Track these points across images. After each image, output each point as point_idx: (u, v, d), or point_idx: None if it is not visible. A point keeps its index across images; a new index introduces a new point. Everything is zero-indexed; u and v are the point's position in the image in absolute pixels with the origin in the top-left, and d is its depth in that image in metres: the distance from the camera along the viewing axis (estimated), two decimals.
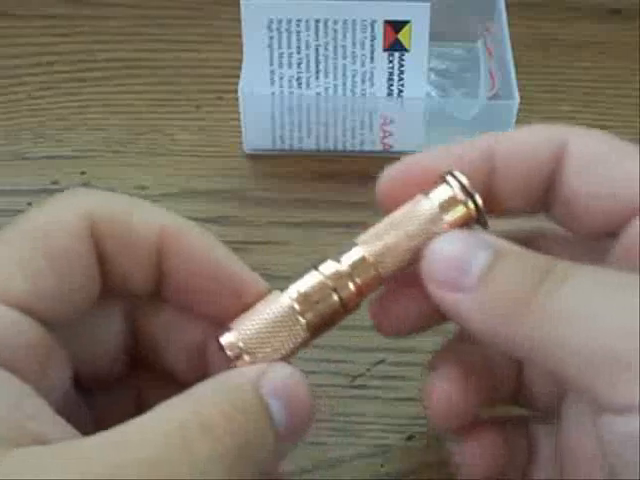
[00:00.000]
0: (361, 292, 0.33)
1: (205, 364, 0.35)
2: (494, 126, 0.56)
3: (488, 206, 0.33)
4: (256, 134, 0.57)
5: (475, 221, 0.33)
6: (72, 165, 0.57)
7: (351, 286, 0.33)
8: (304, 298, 0.32)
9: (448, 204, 0.33)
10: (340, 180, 0.57)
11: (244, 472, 0.28)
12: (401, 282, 0.34)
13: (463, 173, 0.33)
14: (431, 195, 0.33)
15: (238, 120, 0.57)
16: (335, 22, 0.53)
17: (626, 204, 0.32)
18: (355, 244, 0.33)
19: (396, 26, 0.53)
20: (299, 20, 0.53)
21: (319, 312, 0.32)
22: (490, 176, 0.34)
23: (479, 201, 0.33)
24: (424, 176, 0.34)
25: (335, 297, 0.33)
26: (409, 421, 0.44)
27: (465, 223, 0.33)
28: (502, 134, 0.35)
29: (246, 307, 0.33)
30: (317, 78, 0.55)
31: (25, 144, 0.59)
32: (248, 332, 0.32)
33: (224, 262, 0.33)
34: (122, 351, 0.35)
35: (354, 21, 0.53)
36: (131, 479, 0.25)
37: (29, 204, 0.55)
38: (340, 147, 0.58)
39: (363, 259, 0.33)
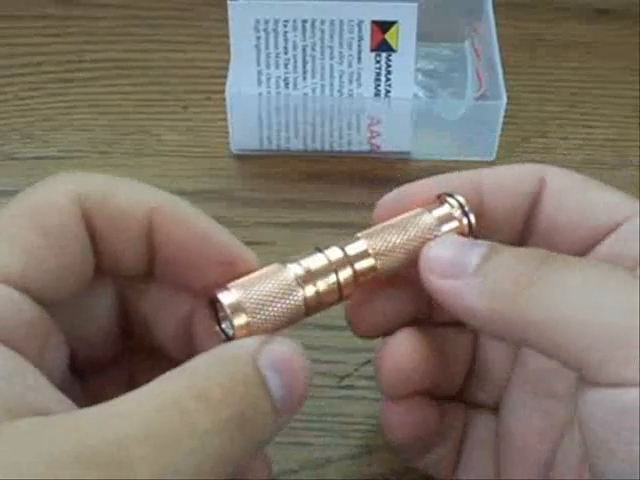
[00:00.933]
0: (357, 280, 0.34)
1: (192, 339, 0.35)
2: (481, 126, 0.56)
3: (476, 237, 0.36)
4: (243, 134, 0.57)
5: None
6: (59, 166, 0.57)
7: (350, 272, 0.34)
8: (307, 272, 0.33)
9: (445, 219, 0.35)
10: (328, 180, 0.57)
11: (244, 444, 0.28)
12: (376, 284, 0.36)
13: (461, 195, 0.36)
14: (433, 211, 0.36)
15: (225, 120, 0.57)
16: (322, 22, 0.53)
17: (597, 227, 0.35)
18: (357, 238, 0.35)
19: (383, 26, 0.53)
20: (286, 21, 0.53)
21: (318, 288, 0.33)
22: (479, 208, 0.36)
23: (473, 220, 0.35)
24: (418, 203, 0.36)
25: (334, 278, 0.34)
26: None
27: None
28: (487, 170, 0.37)
29: (236, 277, 0.33)
30: (304, 78, 0.55)
31: (13, 144, 0.59)
32: (249, 293, 0.32)
33: (214, 233, 0.34)
34: (114, 331, 0.36)
35: (341, 21, 0.53)
36: (130, 453, 0.25)
37: None
38: (327, 147, 0.58)
39: (366, 252, 0.34)
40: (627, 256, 0.34)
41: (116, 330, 0.36)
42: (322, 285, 0.33)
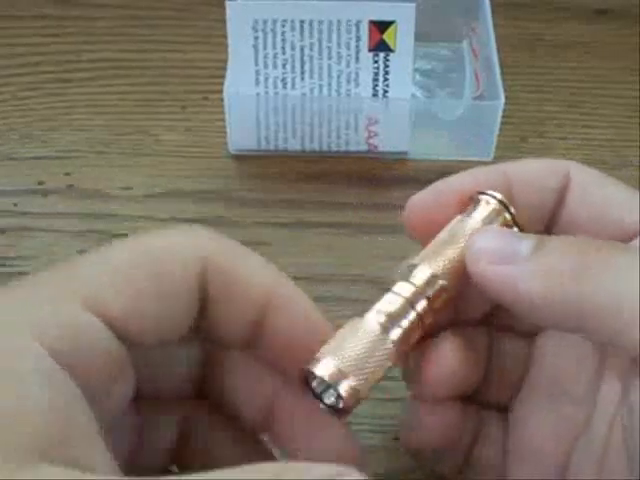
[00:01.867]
0: (433, 307, 0.34)
1: (267, 416, 0.35)
2: (479, 126, 0.56)
3: None
4: (241, 134, 0.57)
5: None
6: (57, 166, 0.57)
7: (425, 302, 0.34)
8: (388, 316, 0.33)
9: (490, 218, 0.35)
10: (325, 181, 0.57)
11: None
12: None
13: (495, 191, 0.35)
14: (473, 214, 0.35)
15: (223, 120, 0.57)
16: (320, 23, 0.53)
17: (621, 228, 0.35)
18: (414, 264, 0.34)
19: (381, 26, 0.53)
20: (284, 21, 0.53)
21: (403, 328, 0.33)
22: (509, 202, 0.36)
23: (514, 212, 0.35)
24: (453, 199, 0.36)
25: (413, 313, 0.33)
26: (395, 422, 0.44)
27: None
28: (513, 164, 0.37)
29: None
30: (302, 79, 0.55)
31: (12, 144, 0.59)
32: (343, 356, 0.32)
33: (321, 325, 0.34)
34: (185, 384, 0.35)
35: (339, 21, 0.53)
36: None
37: (15, 205, 0.55)
38: (325, 148, 0.58)
39: (431, 275, 0.34)
40: None
41: (187, 383, 0.35)
42: (405, 324, 0.33)
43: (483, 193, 0.35)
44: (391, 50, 0.54)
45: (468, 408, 0.38)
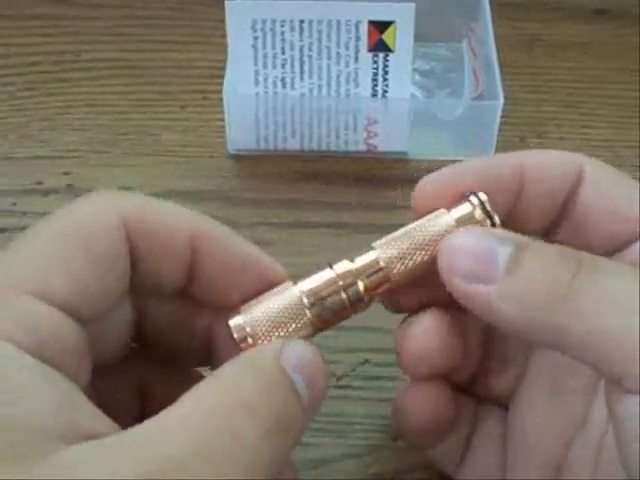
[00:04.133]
0: (370, 292, 0.34)
1: (210, 349, 0.36)
2: (478, 126, 0.56)
3: (509, 226, 0.34)
4: (240, 134, 0.57)
5: None
6: (56, 165, 0.57)
7: (360, 286, 0.34)
8: (313, 293, 0.33)
9: (465, 220, 0.34)
10: (324, 180, 0.57)
11: (285, 447, 0.29)
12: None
13: (486, 194, 0.34)
14: (452, 211, 0.34)
15: (223, 120, 0.57)
16: (319, 23, 0.53)
17: (632, 227, 0.34)
18: (372, 248, 0.34)
19: (380, 26, 0.53)
20: (283, 21, 0.53)
21: (326, 307, 0.33)
22: (518, 194, 0.35)
23: (497, 222, 0.34)
24: (458, 187, 0.35)
25: (343, 295, 0.33)
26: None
27: None
28: (530, 153, 0.36)
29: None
30: (301, 79, 0.55)
31: (10, 144, 0.59)
32: (256, 318, 0.32)
33: (253, 255, 0.34)
34: (131, 340, 0.36)
35: (338, 22, 0.53)
36: (185, 469, 0.26)
37: (13, 204, 0.55)
38: (324, 147, 0.58)
39: (375, 262, 0.34)
40: None
41: (130, 340, 0.36)
42: (330, 304, 0.33)
43: (474, 195, 0.34)
44: (390, 50, 0.54)
45: (465, 400, 0.38)
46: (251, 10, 0.53)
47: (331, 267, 0.34)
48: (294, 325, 0.33)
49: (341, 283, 0.33)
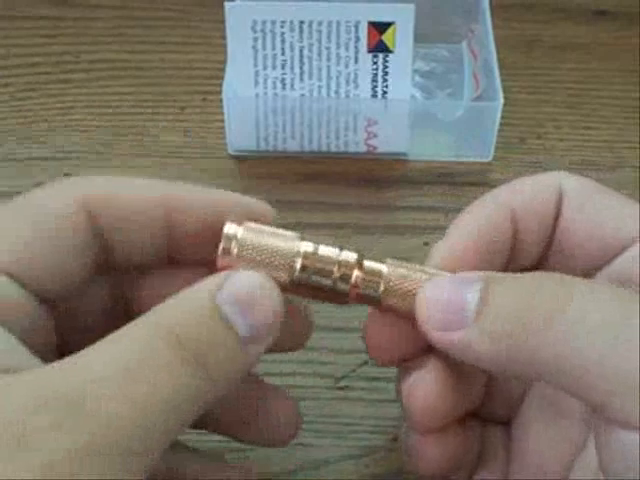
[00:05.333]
0: (357, 294, 0.34)
1: None
2: (478, 127, 0.56)
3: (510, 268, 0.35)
4: (240, 135, 0.57)
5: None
6: (56, 166, 0.57)
7: (352, 280, 0.33)
8: (309, 262, 0.33)
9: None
10: (324, 182, 0.57)
11: (210, 377, 0.29)
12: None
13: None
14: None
15: (222, 122, 0.57)
16: (319, 23, 0.53)
17: (618, 237, 0.34)
18: (385, 261, 0.34)
19: (380, 27, 0.53)
20: (283, 22, 0.53)
21: (311, 280, 0.33)
22: (514, 235, 0.35)
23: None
24: (466, 256, 0.35)
25: (329, 281, 0.33)
26: (394, 422, 0.44)
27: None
28: (512, 192, 0.36)
29: None
30: (301, 80, 0.55)
31: (10, 145, 0.59)
32: (248, 242, 0.32)
33: (231, 197, 0.35)
34: (108, 321, 0.35)
35: (338, 22, 0.53)
36: (96, 391, 0.26)
37: None
38: (324, 149, 0.58)
39: (379, 272, 0.33)
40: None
41: (110, 322, 0.36)
42: (315, 279, 0.33)
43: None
44: (390, 51, 0.54)
45: (471, 425, 0.38)
46: (251, 11, 0.53)
47: (341, 249, 0.33)
48: (273, 273, 0.32)
49: (338, 266, 0.33)
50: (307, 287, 0.33)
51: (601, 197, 0.35)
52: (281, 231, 0.33)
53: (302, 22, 0.53)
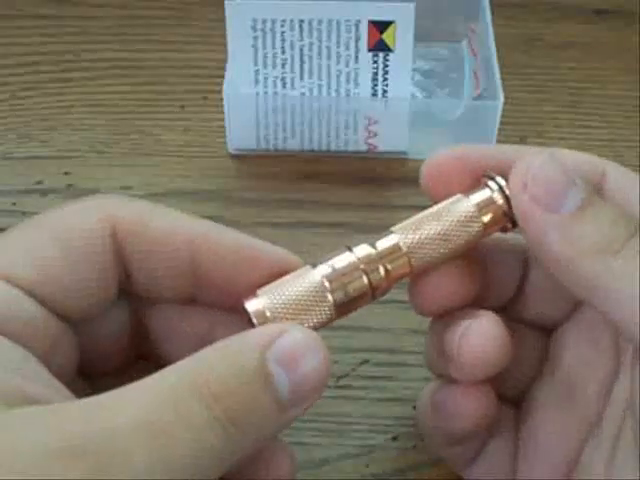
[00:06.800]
0: (390, 278, 0.33)
1: None
2: (478, 126, 0.56)
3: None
4: (240, 134, 0.57)
5: (509, 220, 0.34)
6: (56, 165, 0.57)
7: (382, 271, 0.33)
8: (335, 277, 0.32)
9: (486, 206, 0.34)
10: (325, 180, 0.57)
11: (241, 439, 0.27)
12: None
13: (502, 177, 0.34)
14: (471, 197, 0.34)
15: (223, 120, 0.57)
16: (319, 22, 0.53)
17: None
18: (391, 232, 0.34)
19: (380, 26, 0.53)
20: (283, 20, 0.53)
21: (348, 292, 0.32)
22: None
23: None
24: (473, 170, 0.35)
25: (365, 280, 0.33)
26: (394, 421, 0.44)
27: (499, 223, 0.34)
28: (555, 151, 0.35)
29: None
30: (301, 78, 0.55)
31: (10, 144, 0.58)
32: (276, 301, 0.31)
33: (259, 247, 0.34)
34: (127, 343, 0.36)
35: (338, 21, 0.53)
36: (121, 443, 0.25)
37: (13, 204, 0.55)
38: (324, 147, 0.58)
39: (397, 247, 0.33)
40: None
41: (129, 341, 0.36)
42: (352, 289, 0.32)
43: (491, 177, 0.34)
44: (390, 50, 0.54)
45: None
46: (251, 10, 0.53)
47: (350, 250, 0.33)
48: (316, 309, 0.32)
49: (363, 267, 0.33)
50: (350, 301, 0.33)
51: None
52: (293, 274, 0.32)
53: (302, 21, 0.53)
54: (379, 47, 0.54)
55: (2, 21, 0.68)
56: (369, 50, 0.54)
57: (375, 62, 0.55)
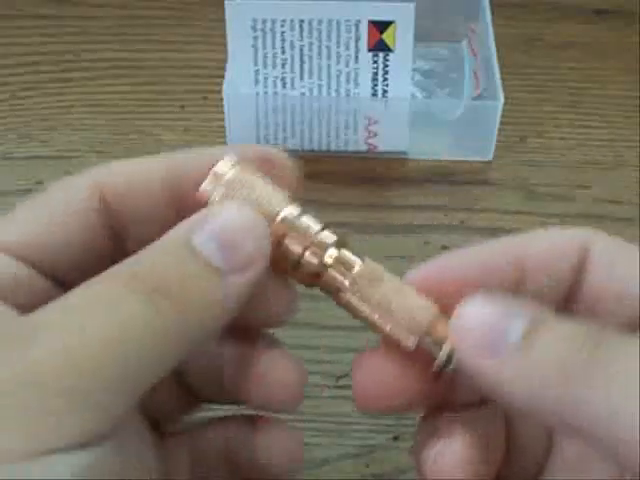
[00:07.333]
0: (315, 275, 0.32)
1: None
2: (478, 126, 0.56)
3: None
4: (241, 134, 0.57)
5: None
6: (56, 165, 0.57)
7: (317, 260, 0.31)
8: (284, 226, 0.31)
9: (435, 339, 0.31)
10: (325, 180, 0.57)
11: (185, 309, 0.27)
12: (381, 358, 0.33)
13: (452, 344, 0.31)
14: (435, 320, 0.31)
15: (223, 120, 0.57)
16: (319, 22, 0.53)
17: None
18: (367, 258, 0.32)
19: (380, 26, 0.53)
20: (283, 20, 0.53)
21: (282, 243, 0.31)
22: (518, 283, 0.33)
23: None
24: (451, 284, 0.32)
25: (300, 249, 0.31)
26: (394, 421, 0.44)
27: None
28: (529, 236, 0.33)
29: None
30: (301, 78, 0.55)
31: (10, 144, 0.59)
32: (239, 180, 0.30)
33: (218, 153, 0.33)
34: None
35: (338, 21, 0.53)
36: (37, 318, 0.26)
37: (13, 204, 0.54)
38: (324, 147, 0.58)
39: (349, 263, 0.31)
40: None
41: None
42: (285, 244, 0.31)
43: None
44: (390, 50, 0.54)
45: None
46: (251, 10, 0.53)
47: (323, 229, 0.32)
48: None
49: (308, 244, 0.31)
50: (278, 250, 0.31)
51: (633, 260, 0.32)
52: (273, 187, 0.31)
53: (302, 21, 0.53)
54: (379, 47, 0.54)
55: (2, 21, 0.68)
56: (369, 50, 0.54)
57: (375, 62, 0.55)
